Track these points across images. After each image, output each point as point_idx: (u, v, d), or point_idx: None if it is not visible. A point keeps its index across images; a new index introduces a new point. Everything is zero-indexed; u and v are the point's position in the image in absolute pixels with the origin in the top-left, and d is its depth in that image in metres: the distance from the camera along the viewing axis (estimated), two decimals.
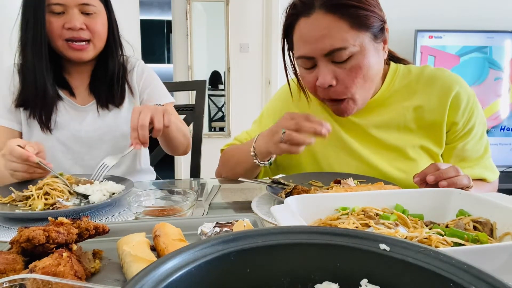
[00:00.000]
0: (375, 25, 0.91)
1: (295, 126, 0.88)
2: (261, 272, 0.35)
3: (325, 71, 0.91)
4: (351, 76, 0.92)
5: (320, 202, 0.65)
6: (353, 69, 0.91)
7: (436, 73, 1.05)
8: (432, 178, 0.79)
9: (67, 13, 1.11)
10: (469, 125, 1.02)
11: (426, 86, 1.03)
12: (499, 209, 0.59)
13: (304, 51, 0.93)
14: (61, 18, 1.12)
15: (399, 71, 1.07)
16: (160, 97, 1.31)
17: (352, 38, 0.88)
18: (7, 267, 0.48)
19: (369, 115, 1.06)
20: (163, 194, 0.87)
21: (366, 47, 0.90)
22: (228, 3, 3.54)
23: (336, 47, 0.88)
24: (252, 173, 1.10)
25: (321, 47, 0.89)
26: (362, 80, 0.93)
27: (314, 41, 0.90)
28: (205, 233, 0.62)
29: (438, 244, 0.50)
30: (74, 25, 1.11)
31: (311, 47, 0.91)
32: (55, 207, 0.82)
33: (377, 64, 0.95)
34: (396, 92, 1.05)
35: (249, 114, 3.68)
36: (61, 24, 1.12)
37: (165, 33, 6.81)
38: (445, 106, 1.00)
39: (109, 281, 0.53)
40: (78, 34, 1.13)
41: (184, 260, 0.32)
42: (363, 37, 0.90)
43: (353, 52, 0.89)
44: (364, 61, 0.91)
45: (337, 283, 0.35)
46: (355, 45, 0.89)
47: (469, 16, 3.14)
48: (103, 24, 1.18)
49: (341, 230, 0.38)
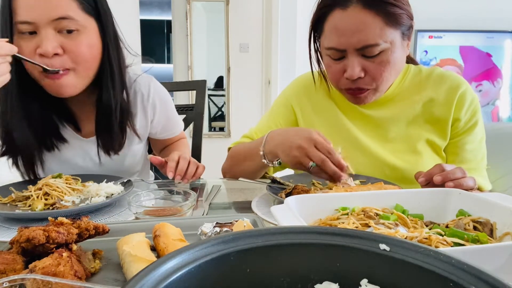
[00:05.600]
0: (406, 23, 0.94)
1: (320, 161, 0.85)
2: (261, 272, 0.35)
3: (355, 63, 0.93)
4: (379, 70, 0.94)
5: (320, 202, 0.65)
6: (382, 63, 0.93)
7: (445, 73, 1.10)
8: (439, 178, 0.79)
9: (39, 34, 0.86)
10: (470, 123, 1.05)
11: (435, 83, 1.07)
12: (499, 209, 0.59)
13: (337, 43, 0.94)
14: (32, 40, 0.86)
15: (410, 69, 1.11)
16: (173, 128, 1.23)
17: (385, 35, 0.91)
18: (7, 267, 0.48)
19: (379, 108, 1.09)
20: (163, 194, 0.87)
21: (396, 43, 0.93)
22: (228, 3, 3.54)
23: (369, 43, 0.90)
24: (259, 172, 1.10)
25: (355, 42, 0.91)
26: (388, 74, 0.96)
27: (349, 35, 0.91)
28: (205, 233, 0.62)
29: (438, 244, 0.50)
30: (46, 50, 0.85)
31: (345, 40, 0.92)
32: (55, 207, 0.82)
33: (402, 60, 0.99)
34: (407, 88, 1.09)
35: (249, 114, 3.70)
36: (33, 48, 0.86)
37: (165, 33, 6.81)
38: (452, 102, 1.04)
39: (109, 281, 0.53)
40: (51, 62, 0.86)
41: (184, 260, 0.32)
42: (395, 34, 0.92)
43: (384, 48, 0.92)
44: (392, 57, 0.94)
45: (337, 283, 0.35)
46: (386, 41, 0.91)
47: (469, 16, 3.14)
48: (89, 45, 0.91)
49: (341, 230, 0.38)
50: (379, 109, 1.09)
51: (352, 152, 1.08)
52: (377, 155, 1.07)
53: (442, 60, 3.19)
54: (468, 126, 1.05)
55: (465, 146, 1.06)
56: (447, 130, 1.05)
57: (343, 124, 1.11)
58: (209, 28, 3.72)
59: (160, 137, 1.23)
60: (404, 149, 1.07)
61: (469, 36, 3.17)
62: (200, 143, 1.59)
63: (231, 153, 1.18)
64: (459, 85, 1.05)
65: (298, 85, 1.21)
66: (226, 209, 0.94)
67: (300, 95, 1.19)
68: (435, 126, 1.06)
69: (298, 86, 1.21)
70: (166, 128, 1.20)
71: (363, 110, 1.10)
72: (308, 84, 1.18)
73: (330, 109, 1.14)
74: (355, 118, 1.11)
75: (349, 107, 1.12)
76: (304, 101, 1.18)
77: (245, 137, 1.23)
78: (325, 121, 1.15)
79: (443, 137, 1.06)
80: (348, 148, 1.09)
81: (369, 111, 1.10)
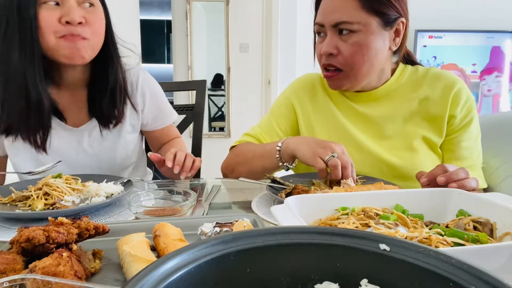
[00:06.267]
0: (387, 13, 0.99)
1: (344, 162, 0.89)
2: (261, 272, 0.35)
3: (330, 40, 1.02)
4: (351, 51, 1.01)
5: (320, 202, 0.65)
6: (354, 44, 1.00)
7: (441, 72, 1.12)
8: (443, 179, 0.80)
9: (63, 5, 0.94)
10: (465, 120, 1.07)
11: (431, 81, 1.10)
12: (499, 209, 0.59)
13: (319, 19, 1.05)
14: (56, 10, 0.93)
15: (407, 68, 1.15)
16: (165, 117, 1.23)
17: (359, 17, 0.98)
18: (7, 267, 0.48)
19: (376, 105, 1.12)
20: (163, 194, 0.87)
21: (371, 29, 0.99)
22: (228, 3, 3.54)
23: (341, 20, 0.99)
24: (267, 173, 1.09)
25: (331, 19, 1.01)
26: (360, 57, 1.01)
27: (327, 12, 1.02)
28: (205, 233, 0.62)
29: (438, 244, 0.50)
30: (73, 18, 0.93)
31: (325, 17, 1.03)
32: (55, 207, 0.82)
33: (380, 50, 1.02)
34: (403, 85, 1.12)
35: (249, 114, 3.70)
36: (57, 18, 0.93)
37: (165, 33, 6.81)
38: (448, 99, 1.06)
39: (109, 281, 0.53)
40: (76, 31, 0.94)
41: (184, 260, 0.32)
42: (371, 20, 0.99)
43: (357, 29, 0.99)
44: (365, 41, 0.99)
45: (337, 283, 0.35)
46: (360, 23, 0.98)
47: (469, 16, 3.14)
48: (101, 19, 1.01)
49: (341, 230, 0.38)
50: (376, 107, 1.12)
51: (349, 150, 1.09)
52: (374, 152, 1.08)
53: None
54: (464, 123, 1.07)
55: (461, 143, 1.07)
56: (443, 127, 1.07)
57: (340, 123, 1.14)
58: (209, 28, 3.72)
59: (153, 127, 1.23)
60: (400, 146, 1.08)
61: (469, 36, 3.17)
62: (200, 143, 1.59)
63: (236, 151, 1.18)
64: (454, 83, 1.07)
65: (299, 85, 1.24)
66: (226, 209, 0.94)
67: (301, 94, 1.21)
68: (431, 123, 1.08)
69: (299, 86, 1.24)
70: (157, 118, 1.21)
71: (360, 108, 1.13)
72: (309, 84, 1.22)
73: (329, 108, 1.17)
74: (352, 116, 1.14)
75: (346, 105, 1.15)
76: (305, 100, 1.20)
77: (248, 135, 1.23)
78: (323, 120, 1.17)
79: (439, 134, 1.08)
80: (345, 146, 1.09)
81: (366, 109, 1.12)
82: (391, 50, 1.06)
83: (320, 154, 0.90)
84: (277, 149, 1.01)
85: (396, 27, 1.02)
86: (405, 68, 1.14)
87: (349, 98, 1.15)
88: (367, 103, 1.12)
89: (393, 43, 1.04)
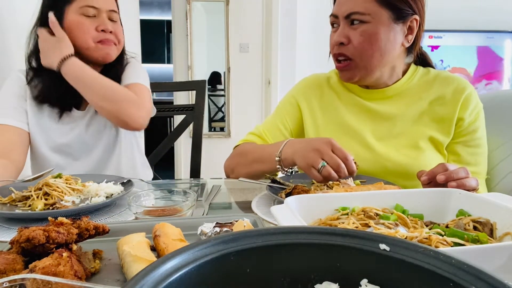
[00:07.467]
0: (400, 7, 1.02)
1: (335, 166, 0.86)
2: (261, 272, 0.35)
3: (341, 30, 1.06)
4: (359, 40, 1.04)
5: (320, 202, 0.65)
6: (363, 33, 1.03)
7: (452, 76, 1.14)
8: (443, 177, 0.80)
9: (99, 17, 1.18)
10: (473, 126, 1.08)
11: (442, 83, 1.11)
12: (499, 209, 0.59)
13: (333, 10, 1.10)
14: (93, 21, 1.17)
15: (418, 69, 1.17)
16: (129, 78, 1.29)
17: (371, 8, 1.01)
18: (7, 267, 0.48)
19: (386, 103, 1.13)
20: (163, 194, 0.87)
21: (381, 20, 1.02)
22: (228, 3, 3.54)
23: (353, 11, 1.03)
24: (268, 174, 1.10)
25: (344, 9, 1.05)
26: (369, 46, 1.04)
27: (342, 3, 1.06)
28: (205, 233, 0.62)
29: (438, 244, 0.50)
30: (107, 27, 1.18)
31: (338, 7, 1.07)
32: (55, 207, 0.82)
33: (389, 42, 1.04)
34: (414, 86, 1.14)
35: (249, 114, 3.70)
36: (94, 26, 1.17)
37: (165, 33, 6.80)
38: (458, 102, 1.07)
39: (109, 281, 0.53)
40: (109, 37, 1.20)
41: (184, 260, 0.32)
42: (382, 12, 1.02)
43: (367, 20, 1.02)
44: (374, 30, 1.02)
45: (337, 283, 0.35)
46: (370, 14, 1.02)
47: (469, 16, 3.14)
48: (122, 31, 1.26)
49: (341, 230, 0.38)
50: (386, 105, 1.13)
51: (355, 147, 1.10)
52: (379, 150, 1.08)
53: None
54: (471, 128, 1.07)
55: (467, 149, 1.07)
56: (451, 128, 1.07)
57: (346, 120, 1.14)
58: (209, 28, 3.71)
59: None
60: (406, 144, 1.08)
61: (469, 36, 3.17)
62: (200, 143, 1.59)
63: (239, 150, 1.18)
64: (465, 87, 1.09)
65: (305, 84, 1.26)
66: (226, 209, 0.94)
67: (307, 93, 1.23)
68: (440, 124, 1.08)
69: (306, 84, 1.26)
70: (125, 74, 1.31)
71: (370, 104, 1.14)
72: (316, 83, 1.24)
73: (336, 106, 1.18)
74: (360, 113, 1.15)
75: (355, 102, 1.16)
76: (311, 98, 1.22)
77: (252, 134, 1.24)
78: (329, 117, 1.17)
79: (447, 134, 1.08)
80: (351, 144, 1.11)
81: (376, 106, 1.13)
82: (403, 46, 1.07)
83: (313, 163, 0.88)
84: (276, 160, 0.99)
85: (409, 23, 1.04)
86: (416, 69, 1.16)
87: (359, 95, 1.16)
88: (377, 100, 1.14)
89: (406, 39, 1.06)
